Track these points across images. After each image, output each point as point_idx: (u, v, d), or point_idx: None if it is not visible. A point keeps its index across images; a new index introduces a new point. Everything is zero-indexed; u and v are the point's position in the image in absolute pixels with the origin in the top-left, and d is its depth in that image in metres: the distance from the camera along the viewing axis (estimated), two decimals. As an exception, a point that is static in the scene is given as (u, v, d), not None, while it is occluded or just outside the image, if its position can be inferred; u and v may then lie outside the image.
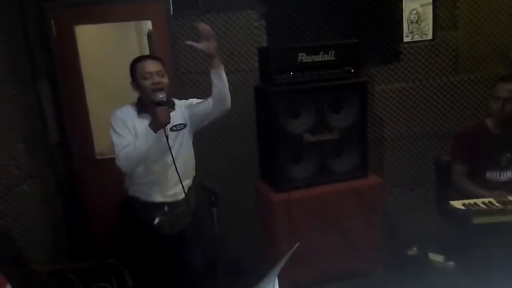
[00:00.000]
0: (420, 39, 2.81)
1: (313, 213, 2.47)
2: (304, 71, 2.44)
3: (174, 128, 1.97)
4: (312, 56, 2.44)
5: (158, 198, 2.01)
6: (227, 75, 1.98)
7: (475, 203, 1.99)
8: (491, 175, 2.23)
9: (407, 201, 3.04)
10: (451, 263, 2.57)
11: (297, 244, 1.33)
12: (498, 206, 1.96)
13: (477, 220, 1.82)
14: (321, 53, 2.45)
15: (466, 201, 2.01)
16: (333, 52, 2.46)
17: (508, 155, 2.22)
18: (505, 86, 2.12)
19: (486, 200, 2.02)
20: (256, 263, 2.61)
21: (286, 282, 2.40)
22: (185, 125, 2.03)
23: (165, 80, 1.94)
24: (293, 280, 2.38)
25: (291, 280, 2.36)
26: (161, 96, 1.83)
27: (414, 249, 2.65)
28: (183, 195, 1.98)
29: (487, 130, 2.24)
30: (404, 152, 3.00)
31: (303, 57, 2.42)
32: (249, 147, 2.80)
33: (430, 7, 2.76)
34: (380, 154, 2.99)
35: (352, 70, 2.52)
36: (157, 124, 1.80)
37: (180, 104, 2.08)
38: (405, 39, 2.80)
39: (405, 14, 2.76)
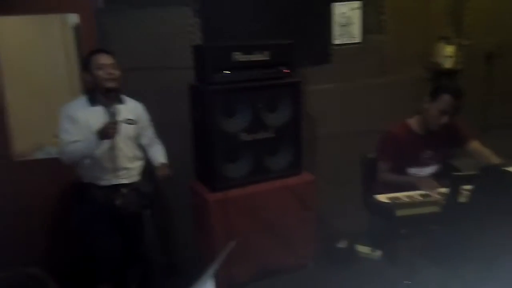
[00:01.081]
0: (349, 41, 2.95)
1: (249, 211, 2.49)
2: (239, 70, 2.45)
3: (127, 121, 2.13)
4: (247, 56, 2.46)
5: (113, 181, 2.13)
6: (160, 71, 1.99)
7: (398, 196, 2.12)
8: (413, 171, 2.40)
9: (338, 197, 3.17)
10: (377, 253, 2.73)
11: (232, 244, 1.33)
12: (419, 199, 2.10)
13: (400, 213, 1.93)
14: (256, 52, 2.48)
15: (390, 195, 2.13)
16: (268, 52, 2.50)
17: (429, 153, 2.40)
18: (451, 101, 2.25)
19: (409, 194, 2.16)
20: (192, 263, 2.58)
21: (222, 281, 2.42)
22: (136, 122, 2.21)
23: (118, 72, 2.10)
24: (229, 278, 2.38)
25: (227, 278, 2.36)
26: (111, 85, 2.05)
27: (344, 242, 2.78)
28: (139, 177, 2.21)
29: (410, 130, 2.40)
30: (335, 150, 3.12)
31: (238, 56, 2.43)
32: (183, 146, 2.75)
33: (358, 12, 2.91)
34: (313, 152, 3.09)
35: (287, 70, 2.57)
36: (104, 136, 1.96)
37: (137, 105, 2.27)
38: (336, 42, 2.93)
39: (335, 18, 2.89)
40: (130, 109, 2.21)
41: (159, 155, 2.35)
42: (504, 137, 3.17)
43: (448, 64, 3.01)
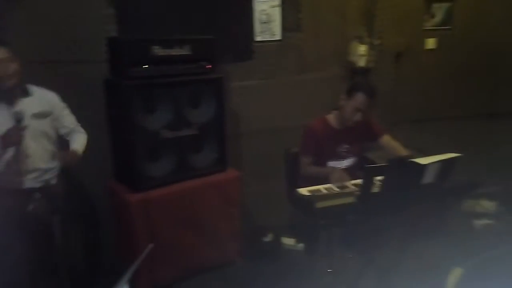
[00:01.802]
0: (270, 39, 2.99)
1: (173, 210, 2.43)
2: (159, 65, 2.36)
3: (35, 116, 1.96)
4: (167, 50, 2.38)
5: (25, 184, 1.97)
6: (70, 65, 1.84)
7: (318, 189, 2.20)
8: (331, 164, 2.52)
9: (264, 191, 3.21)
10: (301, 245, 2.83)
11: (150, 247, 1.28)
12: (337, 191, 2.20)
13: (319, 205, 2.00)
14: (177, 47, 2.41)
15: (311, 188, 2.21)
16: (189, 46, 2.44)
17: (345, 146, 2.53)
18: (365, 99, 2.37)
19: (328, 186, 2.25)
20: (114, 268, 2.46)
21: (145, 284, 2.33)
22: (48, 114, 2.02)
23: (10, 69, 1.86)
24: (153, 280, 2.30)
25: (150, 280, 2.28)
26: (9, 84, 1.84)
27: (270, 235, 2.84)
28: (54, 180, 2.06)
29: (328, 125, 2.52)
30: (260, 146, 3.16)
31: (158, 50, 2.34)
32: (99, 145, 2.59)
33: (278, 9, 2.96)
34: (238, 148, 3.09)
35: (209, 66, 2.54)
36: (7, 143, 1.82)
37: (47, 94, 2.07)
38: (257, 38, 2.96)
39: (256, 14, 2.91)
40: (40, 100, 2.02)
41: (75, 142, 2.17)
42: (411, 130, 3.46)
43: (361, 62, 3.19)
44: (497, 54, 3.55)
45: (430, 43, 3.40)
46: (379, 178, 1.98)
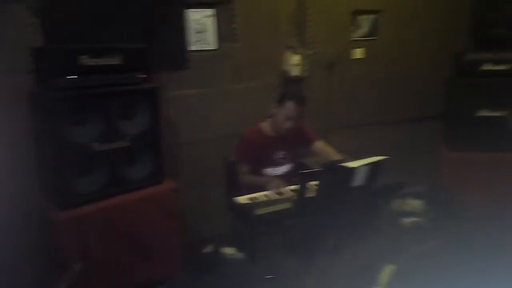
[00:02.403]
0: (205, 48, 3.00)
1: (106, 227, 2.31)
2: (88, 75, 2.25)
3: None
4: (97, 59, 2.29)
5: None
6: None
7: (256, 197, 2.23)
8: (268, 171, 2.56)
9: (204, 202, 3.19)
10: (241, 254, 2.83)
11: (76, 267, 1.21)
12: (275, 197, 2.25)
13: (258, 212, 2.03)
14: (107, 56, 2.33)
15: (249, 196, 2.23)
16: (121, 55, 2.36)
17: (281, 153, 2.59)
18: (295, 107, 2.44)
19: (266, 193, 2.29)
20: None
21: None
22: None
23: None
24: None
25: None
26: None
27: (210, 246, 2.81)
28: None
29: (262, 133, 2.57)
30: (199, 155, 3.13)
31: (86, 60, 2.24)
32: (25, 160, 2.42)
33: (212, 19, 2.98)
34: (176, 158, 3.04)
35: (143, 76, 2.48)
36: None
37: None
38: (192, 48, 2.95)
39: (189, 24, 2.90)
40: None
41: None
42: (343, 136, 3.62)
43: (295, 71, 3.30)
44: (419, 62, 3.83)
45: (358, 53, 3.59)
46: (314, 182, 2.06)
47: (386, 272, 2.81)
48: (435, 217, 3.53)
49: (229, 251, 2.90)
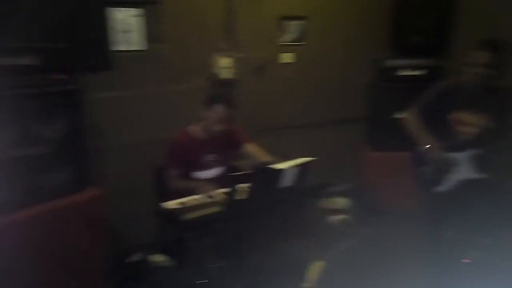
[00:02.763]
0: (133, 49, 2.89)
1: (22, 240, 2.13)
2: (1, 76, 2.07)
3: None
4: (10, 59, 2.11)
5: None
6: None
7: (186, 201, 2.20)
8: (198, 174, 2.54)
9: (132, 208, 3.07)
10: (170, 260, 2.75)
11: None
12: (205, 201, 2.23)
13: (186, 216, 2.00)
14: (22, 56, 2.15)
15: (179, 200, 2.20)
16: (38, 56, 2.20)
17: (212, 156, 2.58)
18: (224, 110, 2.44)
19: (195, 197, 2.27)
20: None
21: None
22: None
23: None
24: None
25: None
26: None
27: (138, 254, 2.71)
28: None
29: (192, 136, 2.54)
30: (126, 160, 3.01)
31: (-1, 60, 2.06)
32: None
33: (139, 19, 2.89)
34: (102, 164, 2.90)
35: (62, 77, 2.33)
36: None
37: None
38: (118, 48, 2.83)
39: (114, 24, 2.78)
40: None
41: None
42: (274, 138, 3.70)
43: (225, 74, 3.31)
44: (344, 66, 4.03)
45: (288, 57, 3.69)
46: (245, 185, 2.08)
47: (315, 269, 2.91)
48: (360, 213, 3.74)
49: (158, 258, 2.81)
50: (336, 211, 3.72)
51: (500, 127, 2.26)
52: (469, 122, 2.33)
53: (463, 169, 2.36)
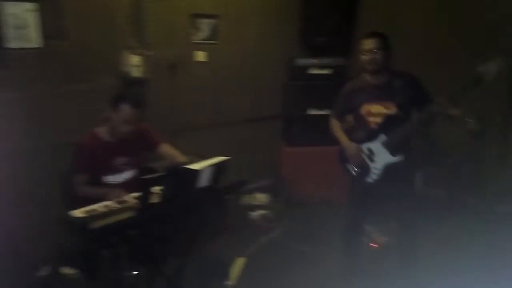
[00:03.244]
0: (27, 46, 2.63)
1: None
2: None
3: None
4: None
5: None
6: None
7: (95, 208, 2.05)
8: (109, 179, 2.39)
9: (39, 220, 2.78)
10: (81, 272, 2.57)
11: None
12: (115, 207, 2.10)
13: (95, 225, 1.87)
14: None
15: (87, 208, 2.04)
16: None
17: (122, 159, 2.44)
18: (131, 110, 2.30)
19: (105, 203, 2.13)
20: None
21: None
22: None
23: None
24: None
25: None
26: None
27: (47, 268, 2.49)
28: None
29: (99, 138, 2.39)
30: (25, 167, 2.73)
31: None
32: None
33: (35, 14, 2.63)
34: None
35: None
36: None
37: None
38: (10, 45, 2.55)
39: (7, 19, 2.51)
40: None
41: None
42: (191, 138, 3.64)
43: (135, 73, 3.15)
44: (258, 65, 4.08)
45: (200, 56, 3.63)
46: (158, 188, 1.99)
47: (237, 265, 2.93)
48: (279, 207, 3.84)
49: (68, 271, 2.61)
50: (256, 207, 3.79)
51: (405, 110, 2.44)
52: (375, 112, 2.49)
53: (380, 156, 2.49)
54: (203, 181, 2.14)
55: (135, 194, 2.18)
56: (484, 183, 3.84)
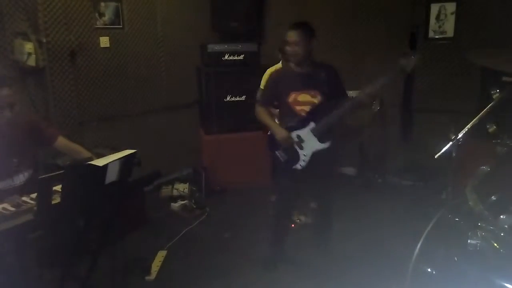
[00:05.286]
0: None
1: None
2: None
3: None
4: None
5: None
6: None
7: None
8: (4, 184, 2.14)
9: None
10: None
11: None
12: (12, 210, 1.90)
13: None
14: None
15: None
16: None
17: (15, 161, 2.18)
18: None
19: (1, 207, 1.91)
20: None
21: None
22: None
23: None
24: None
25: None
26: None
27: None
28: None
29: None
30: None
31: None
32: None
33: None
34: None
35: None
36: None
37: None
38: None
39: None
40: None
41: None
42: (100, 129, 3.44)
43: (31, 61, 2.86)
44: (166, 53, 3.93)
45: (103, 41, 3.41)
46: (59, 186, 1.83)
47: (158, 259, 2.85)
48: (200, 196, 3.80)
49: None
50: (177, 198, 3.71)
51: (329, 99, 2.53)
52: (302, 100, 2.54)
53: (309, 143, 2.55)
54: (111, 176, 2.01)
55: (34, 195, 1.98)
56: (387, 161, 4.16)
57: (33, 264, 2.20)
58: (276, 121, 2.71)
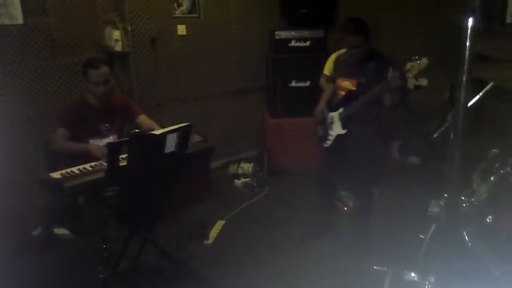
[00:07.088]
0: (10, 23, 2.80)
1: None
2: None
3: None
4: None
5: None
6: None
7: (71, 170, 2.24)
8: (94, 142, 2.59)
9: (22, 184, 2.96)
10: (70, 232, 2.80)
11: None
12: (88, 169, 2.28)
13: (69, 184, 2.05)
14: None
15: (63, 171, 2.23)
16: None
17: (106, 125, 2.64)
18: (96, 72, 2.47)
19: (82, 166, 2.31)
20: None
21: None
22: None
23: None
24: None
25: None
26: None
27: (38, 229, 2.69)
28: None
29: (88, 103, 2.59)
30: (13, 138, 2.90)
31: None
32: None
33: (16, -9, 2.79)
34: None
35: None
36: None
37: None
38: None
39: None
40: None
41: None
42: (176, 110, 3.81)
43: (117, 47, 3.31)
44: (241, 37, 4.16)
45: (181, 29, 3.74)
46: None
47: (217, 226, 3.15)
48: (261, 176, 4.02)
49: (61, 231, 2.84)
50: (241, 175, 3.98)
51: (364, 88, 2.60)
52: (343, 86, 2.72)
53: (336, 126, 2.75)
54: (169, 146, 2.28)
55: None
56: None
57: (112, 221, 2.61)
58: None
